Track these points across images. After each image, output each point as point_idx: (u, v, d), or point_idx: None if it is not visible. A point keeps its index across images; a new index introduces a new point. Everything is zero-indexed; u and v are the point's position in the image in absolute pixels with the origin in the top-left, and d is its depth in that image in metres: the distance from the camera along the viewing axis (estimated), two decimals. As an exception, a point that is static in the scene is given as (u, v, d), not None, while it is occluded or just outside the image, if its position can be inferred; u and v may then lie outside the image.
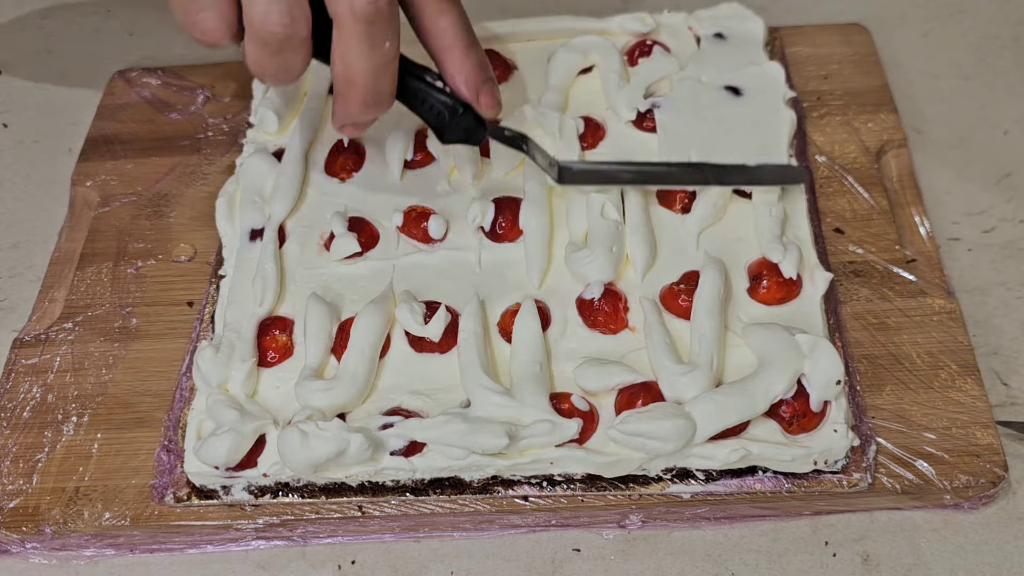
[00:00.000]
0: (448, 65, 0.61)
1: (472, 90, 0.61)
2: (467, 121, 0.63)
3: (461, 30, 0.60)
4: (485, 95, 0.61)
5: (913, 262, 0.70)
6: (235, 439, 0.59)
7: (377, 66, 0.57)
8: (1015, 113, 0.81)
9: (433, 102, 0.62)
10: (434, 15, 0.59)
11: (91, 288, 0.72)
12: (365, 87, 0.58)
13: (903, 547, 0.60)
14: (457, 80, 0.61)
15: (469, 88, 0.61)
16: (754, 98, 0.75)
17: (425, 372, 0.64)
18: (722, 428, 0.58)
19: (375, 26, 0.56)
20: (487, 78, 0.62)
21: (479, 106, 0.62)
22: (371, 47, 0.56)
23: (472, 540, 0.62)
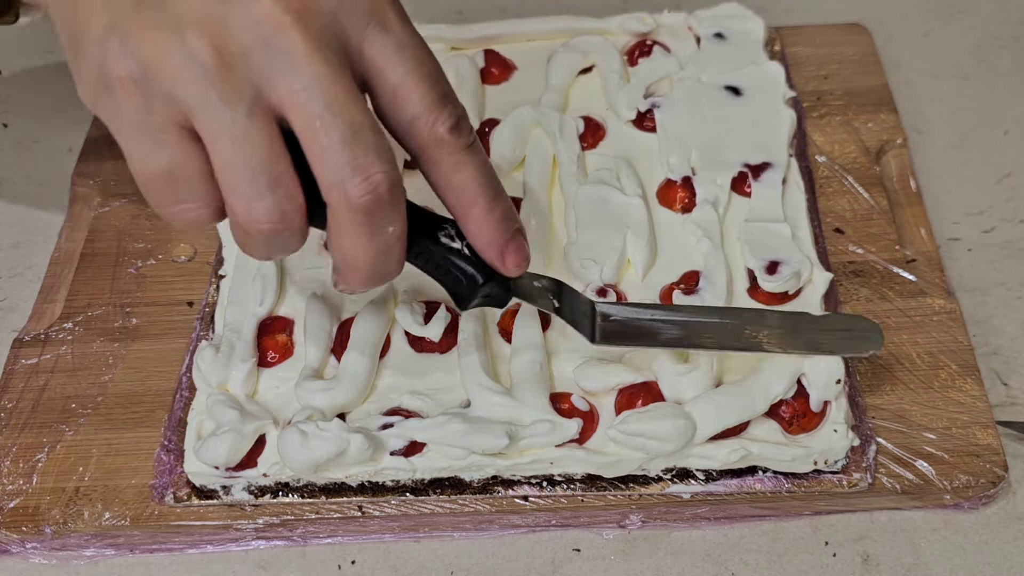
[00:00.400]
0: (469, 224, 0.53)
1: (496, 251, 0.53)
2: (491, 288, 0.55)
3: (482, 183, 0.52)
4: (511, 254, 0.53)
5: (913, 262, 0.70)
6: (235, 439, 0.59)
7: (379, 252, 0.50)
8: (1015, 113, 0.81)
9: (451, 268, 0.54)
10: (449, 171, 0.51)
11: (91, 288, 0.72)
12: (366, 271, 0.51)
13: (903, 547, 0.60)
14: (479, 240, 0.53)
15: (493, 249, 0.53)
16: (754, 98, 0.75)
17: (425, 372, 0.64)
18: (722, 428, 0.58)
19: (375, 215, 0.49)
20: (513, 233, 0.53)
21: (504, 268, 0.54)
22: (371, 235, 0.49)
23: (472, 540, 0.62)
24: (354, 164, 0.47)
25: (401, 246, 0.51)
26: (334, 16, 0.48)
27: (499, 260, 0.53)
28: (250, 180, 0.47)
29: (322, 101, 0.46)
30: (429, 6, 0.93)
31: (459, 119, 0.50)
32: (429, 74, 0.50)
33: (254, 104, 0.46)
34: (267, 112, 0.47)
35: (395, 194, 0.49)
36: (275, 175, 0.47)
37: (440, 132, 0.50)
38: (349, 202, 0.48)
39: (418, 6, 0.92)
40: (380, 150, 0.48)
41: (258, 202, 0.48)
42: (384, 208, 0.49)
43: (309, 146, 0.47)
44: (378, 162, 0.48)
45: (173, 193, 0.49)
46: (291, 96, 0.46)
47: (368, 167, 0.47)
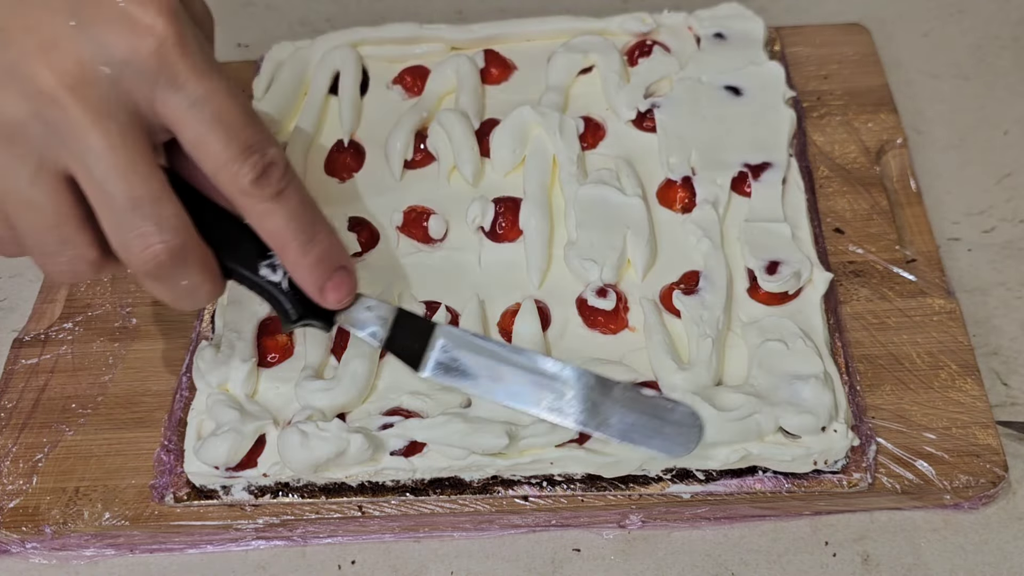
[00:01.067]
0: (287, 265, 0.53)
1: (315, 290, 0.54)
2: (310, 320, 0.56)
3: (293, 229, 0.52)
4: (330, 292, 0.54)
5: (913, 262, 0.70)
6: (235, 439, 0.59)
7: (180, 297, 0.52)
8: (1015, 113, 0.81)
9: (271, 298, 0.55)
10: (259, 219, 0.51)
11: (91, 288, 0.72)
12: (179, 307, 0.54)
13: (903, 547, 0.60)
14: (297, 279, 0.53)
15: (311, 289, 0.54)
16: (754, 98, 0.75)
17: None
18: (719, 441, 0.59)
19: (162, 277, 0.50)
20: (332, 271, 0.54)
21: (325, 303, 0.54)
22: (166, 289, 0.51)
23: (472, 540, 0.62)
24: (134, 234, 0.48)
25: (206, 287, 0.52)
26: (114, 83, 0.47)
27: (319, 297, 0.54)
28: (39, 243, 0.49)
29: (101, 171, 0.47)
30: (429, 6, 0.93)
31: (265, 167, 0.50)
32: (229, 125, 0.49)
33: (37, 172, 0.47)
34: (53, 177, 0.48)
35: (179, 257, 0.49)
36: (63, 237, 0.49)
37: (243, 184, 0.50)
38: (134, 267, 0.49)
39: (418, 6, 0.92)
40: (161, 219, 0.48)
41: (50, 260, 0.50)
42: (169, 270, 0.50)
43: (96, 209, 0.48)
44: (157, 233, 0.48)
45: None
46: (74, 164, 0.47)
47: (147, 238, 0.48)
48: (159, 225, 0.48)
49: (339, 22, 0.93)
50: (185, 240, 0.50)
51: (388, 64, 0.80)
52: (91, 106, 0.47)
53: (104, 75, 0.47)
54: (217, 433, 0.60)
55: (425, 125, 0.75)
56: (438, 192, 0.72)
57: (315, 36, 0.81)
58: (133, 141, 0.48)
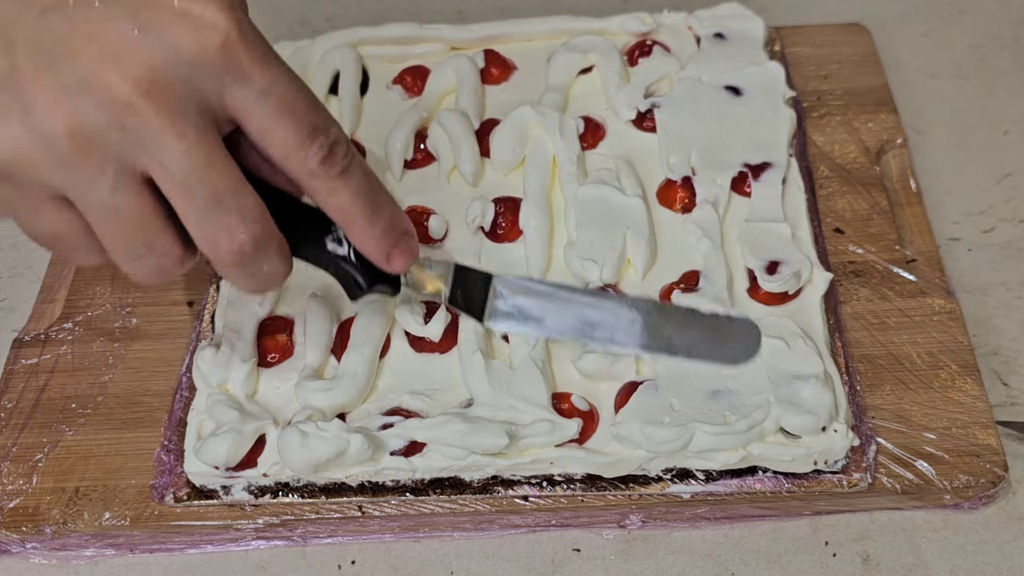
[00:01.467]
0: (353, 238, 0.55)
1: (381, 257, 0.56)
2: (379, 287, 0.58)
3: (360, 203, 0.54)
4: (396, 258, 0.56)
5: (913, 262, 0.70)
6: (235, 439, 0.59)
7: (258, 284, 0.53)
8: (1015, 113, 0.81)
9: (339, 270, 0.57)
10: (327, 197, 0.53)
11: (91, 288, 0.72)
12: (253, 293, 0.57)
13: (903, 547, 0.60)
14: (364, 250, 0.56)
15: (378, 257, 0.56)
16: (754, 98, 0.75)
17: (425, 372, 0.64)
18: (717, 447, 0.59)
19: (246, 266, 0.52)
20: (398, 238, 0.56)
21: (391, 269, 0.57)
22: (248, 278, 0.53)
23: (472, 540, 0.62)
24: (218, 227, 0.50)
25: (283, 269, 0.53)
26: (188, 84, 0.48)
27: (386, 265, 0.56)
28: (126, 246, 0.50)
29: (182, 172, 0.48)
30: (429, 6, 0.93)
31: (330, 148, 0.52)
32: (294, 112, 0.50)
33: (118, 178, 0.48)
34: (133, 181, 0.48)
35: (262, 246, 0.51)
36: (148, 238, 0.50)
37: (311, 166, 0.51)
38: (219, 259, 0.51)
39: (418, 6, 0.92)
40: (243, 211, 0.50)
41: (138, 263, 0.51)
42: (252, 260, 0.51)
43: (178, 209, 0.50)
44: (241, 224, 0.50)
45: (64, 250, 0.52)
46: (153, 167, 0.48)
47: (231, 230, 0.50)
48: (242, 216, 0.50)
49: (339, 22, 0.92)
50: (265, 227, 0.51)
51: (388, 64, 0.80)
52: (166, 109, 0.47)
53: (175, 76, 0.47)
54: (217, 433, 0.60)
55: (425, 125, 0.75)
56: (438, 192, 0.72)
57: (315, 36, 0.81)
58: (208, 138, 0.49)
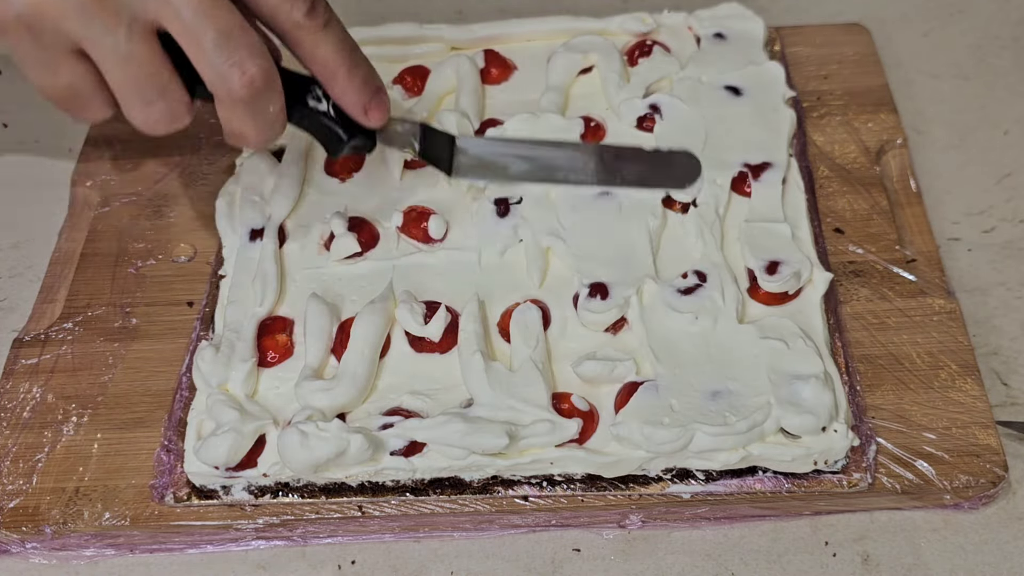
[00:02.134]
0: (334, 90, 0.60)
1: (360, 110, 0.61)
2: (357, 140, 0.63)
3: (340, 54, 0.59)
4: (373, 110, 0.61)
5: (913, 262, 0.70)
6: (235, 439, 0.59)
7: (263, 127, 0.58)
8: (1015, 113, 0.81)
9: (320, 126, 0.62)
10: (311, 49, 0.59)
11: (91, 288, 0.72)
12: (255, 141, 0.59)
13: (903, 547, 0.60)
14: (344, 103, 0.61)
15: (356, 109, 0.61)
16: (754, 98, 0.75)
17: (425, 372, 0.64)
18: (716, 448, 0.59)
19: (256, 102, 0.56)
20: (374, 92, 0.61)
21: (368, 122, 0.62)
22: (255, 117, 0.57)
23: (472, 540, 0.62)
24: (230, 63, 0.55)
25: (282, 117, 0.59)
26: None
27: (363, 117, 0.61)
28: (140, 92, 0.55)
29: (191, 11, 0.53)
30: (429, 6, 0.93)
31: (313, 3, 0.57)
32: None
33: (132, 25, 0.53)
34: (146, 29, 0.54)
35: (270, 81, 0.56)
36: (160, 85, 0.55)
37: (297, 17, 0.57)
38: (232, 95, 0.56)
39: (418, 6, 0.92)
40: (251, 46, 0.55)
41: (151, 108, 0.56)
42: (262, 95, 0.56)
43: (189, 51, 0.55)
44: (250, 58, 0.55)
45: (77, 104, 0.57)
46: (163, 10, 0.53)
47: (243, 64, 0.55)
48: (250, 51, 0.55)
49: (339, 22, 0.92)
50: (270, 63, 0.56)
51: (388, 64, 0.80)
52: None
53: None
54: (217, 433, 0.60)
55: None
56: (438, 192, 0.72)
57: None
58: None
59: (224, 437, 0.59)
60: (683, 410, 0.59)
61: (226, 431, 0.59)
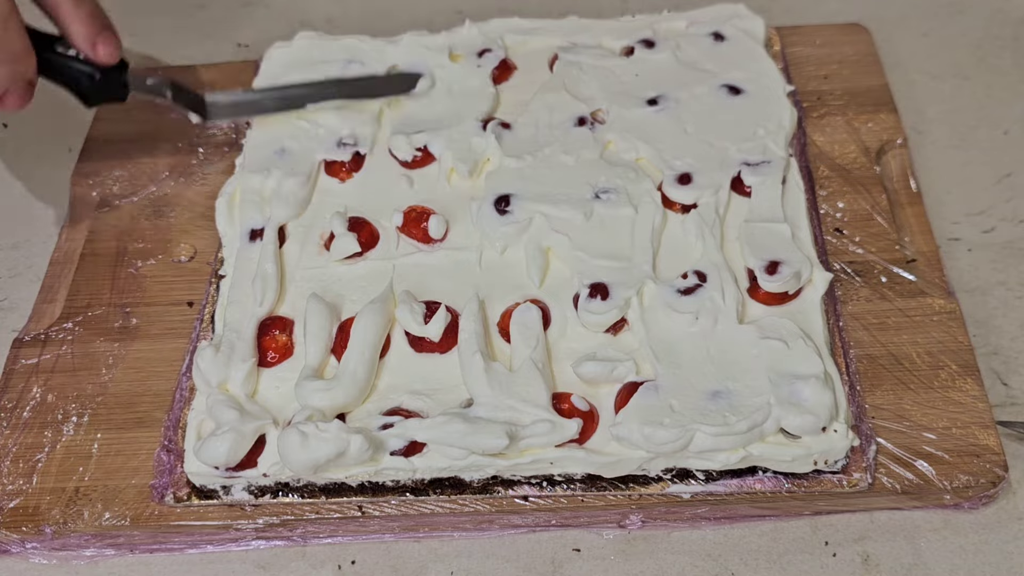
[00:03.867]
0: (62, 25, 0.62)
1: (88, 43, 0.62)
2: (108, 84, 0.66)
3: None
4: (102, 44, 0.63)
5: (913, 262, 0.70)
6: (235, 439, 0.59)
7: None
8: (1015, 113, 0.81)
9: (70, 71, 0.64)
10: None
11: (91, 288, 0.72)
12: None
13: (903, 547, 0.60)
14: (72, 36, 0.62)
15: (85, 42, 0.62)
16: (754, 97, 0.75)
17: (425, 372, 0.64)
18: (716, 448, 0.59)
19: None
20: (102, 27, 0.62)
21: (97, 57, 0.63)
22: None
23: (472, 540, 0.62)
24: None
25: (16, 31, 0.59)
26: None
27: (92, 51, 0.63)
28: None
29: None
30: (429, 6, 0.93)
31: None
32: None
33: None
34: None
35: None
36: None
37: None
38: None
39: (418, 6, 0.92)
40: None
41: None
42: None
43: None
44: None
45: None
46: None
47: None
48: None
49: (339, 22, 0.93)
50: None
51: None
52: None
53: None
54: (217, 433, 0.60)
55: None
56: (438, 192, 0.72)
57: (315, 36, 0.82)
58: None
59: (224, 437, 0.59)
60: (683, 410, 0.59)
61: (226, 431, 0.59)
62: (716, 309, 0.64)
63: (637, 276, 0.66)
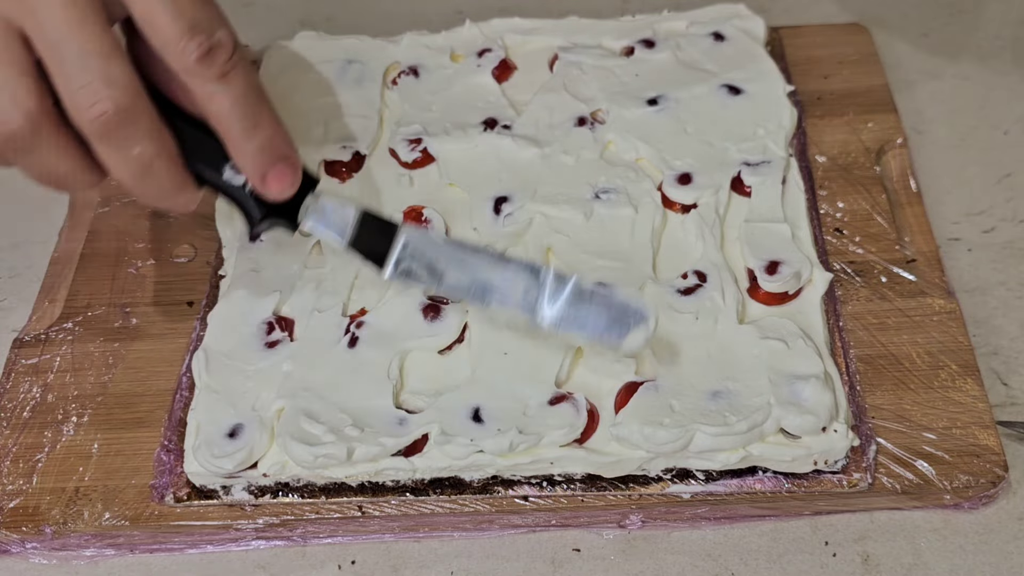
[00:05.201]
0: (231, 152, 0.54)
1: (258, 179, 0.55)
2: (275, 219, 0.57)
3: (236, 114, 0.53)
4: (272, 181, 0.54)
5: (913, 262, 0.70)
6: (245, 454, 0.60)
7: (136, 172, 0.52)
8: (1015, 113, 0.81)
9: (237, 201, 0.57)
10: (204, 101, 0.53)
11: (91, 288, 0.72)
12: (135, 189, 0.53)
13: (903, 547, 0.60)
14: (242, 168, 0.55)
15: (254, 176, 0.55)
16: (754, 97, 0.75)
17: (426, 372, 0.64)
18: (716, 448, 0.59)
19: (111, 137, 0.51)
20: (276, 159, 0.54)
21: (267, 193, 0.55)
22: (118, 154, 0.51)
23: (472, 540, 0.62)
24: (82, 87, 0.49)
25: (166, 169, 0.52)
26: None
27: (262, 186, 0.55)
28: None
29: (53, 26, 0.48)
30: (429, 6, 0.93)
31: (210, 48, 0.51)
32: (177, 3, 0.50)
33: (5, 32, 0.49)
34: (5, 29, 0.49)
35: (126, 119, 0.50)
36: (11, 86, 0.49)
37: (188, 63, 0.51)
38: (83, 125, 0.50)
39: (418, 6, 0.92)
40: (110, 76, 0.49)
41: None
42: (116, 130, 0.50)
43: (48, 66, 0.50)
44: (104, 88, 0.49)
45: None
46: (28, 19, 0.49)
47: (95, 92, 0.49)
48: (107, 80, 0.49)
49: (339, 22, 0.93)
50: (134, 101, 0.50)
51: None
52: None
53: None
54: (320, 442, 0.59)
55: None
56: (438, 192, 0.72)
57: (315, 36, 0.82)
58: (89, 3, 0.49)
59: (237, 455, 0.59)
60: (683, 410, 0.59)
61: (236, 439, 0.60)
62: (716, 309, 0.64)
63: (637, 276, 0.66)
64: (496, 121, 0.75)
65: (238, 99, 0.52)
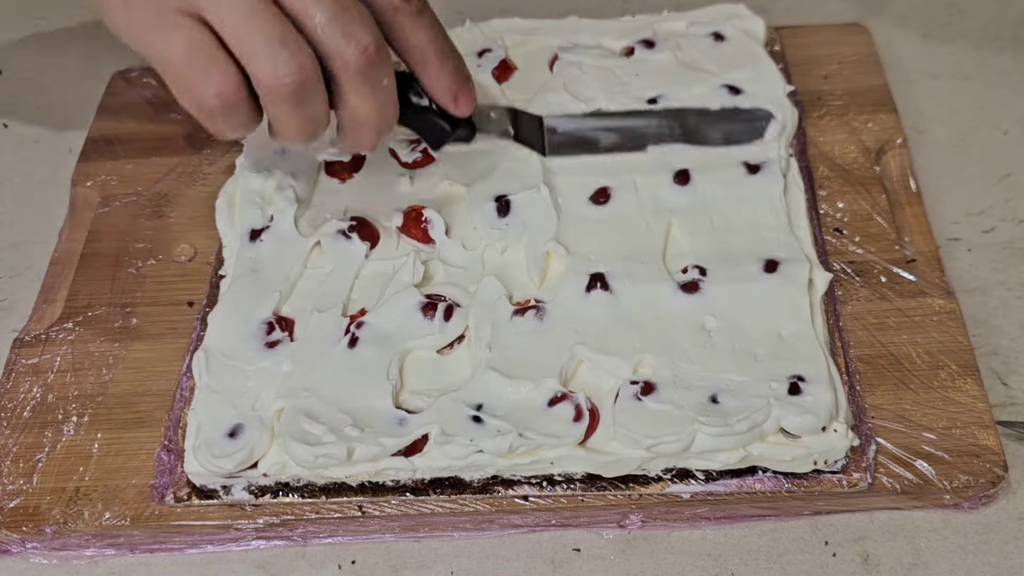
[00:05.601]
0: (426, 78, 0.63)
1: (450, 99, 0.64)
2: (461, 131, 0.67)
3: (434, 41, 0.62)
4: (462, 98, 0.64)
5: (913, 262, 0.70)
6: (246, 454, 0.60)
7: (380, 104, 0.59)
8: (1015, 113, 0.81)
9: (423, 122, 0.65)
10: (407, 34, 0.61)
11: (91, 288, 0.72)
12: (373, 124, 0.60)
13: (903, 547, 0.60)
14: (435, 92, 0.64)
15: (447, 98, 0.64)
16: (754, 98, 0.75)
17: (426, 372, 0.64)
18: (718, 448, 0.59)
19: (371, 73, 0.58)
20: (464, 80, 0.64)
21: (456, 110, 0.64)
22: (372, 91, 0.58)
23: (472, 540, 0.62)
24: (345, 34, 0.56)
25: (395, 97, 0.60)
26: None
27: (452, 105, 0.64)
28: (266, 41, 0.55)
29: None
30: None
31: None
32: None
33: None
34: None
35: (383, 54, 0.58)
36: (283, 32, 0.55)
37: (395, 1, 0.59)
38: (347, 67, 0.57)
39: (418, 6, 0.92)
40: (364, 20, 0.57)
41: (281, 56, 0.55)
42: (377, 66, 0.58)
43: (305, 24, 0.56)
44: (364, 29, 0.57)
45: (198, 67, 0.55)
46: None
47: (357, 35, 0.56)
48: (363, 24, 0.57)
49: (339, 22, 0.92)
50: (382, 39, 0.58)
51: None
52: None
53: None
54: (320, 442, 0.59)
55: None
56: (438, 192, 0.72)
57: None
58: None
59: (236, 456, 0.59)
60: (683, 410, 0.59)
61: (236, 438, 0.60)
62: (716, 308, 0.64)
63: (648, 270, 0.66)
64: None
65: (434, 29, 0.62)
